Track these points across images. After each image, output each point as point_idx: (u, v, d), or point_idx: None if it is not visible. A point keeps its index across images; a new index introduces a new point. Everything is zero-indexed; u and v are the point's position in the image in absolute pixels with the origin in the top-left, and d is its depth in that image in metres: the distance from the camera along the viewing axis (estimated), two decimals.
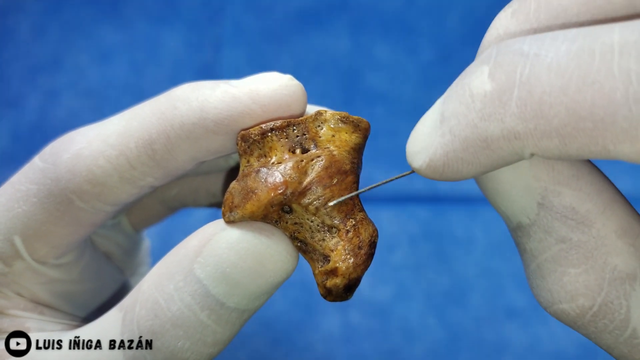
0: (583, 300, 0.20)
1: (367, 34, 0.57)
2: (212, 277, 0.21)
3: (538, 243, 0.20)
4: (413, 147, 0.19)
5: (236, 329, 0.22)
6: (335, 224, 0.22)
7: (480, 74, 0.18)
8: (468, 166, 0.18)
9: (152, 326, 0.22)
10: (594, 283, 0.19)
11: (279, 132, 0.22)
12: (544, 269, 0.20)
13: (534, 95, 0.16)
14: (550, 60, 0.16)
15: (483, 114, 0.17)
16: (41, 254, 0.25)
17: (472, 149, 0.18)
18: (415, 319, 0.48)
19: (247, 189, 0.22)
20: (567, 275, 0.20)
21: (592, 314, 0.20)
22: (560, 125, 0.16)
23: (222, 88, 0.23)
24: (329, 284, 0.22)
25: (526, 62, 0.17)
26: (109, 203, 0.24)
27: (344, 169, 0.22)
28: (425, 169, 0.19)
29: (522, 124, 0.17)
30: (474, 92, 0.18)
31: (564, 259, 0.20)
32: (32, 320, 0.26)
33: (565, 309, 0.20)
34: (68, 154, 0.23)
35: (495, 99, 0.17)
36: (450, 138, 0.18)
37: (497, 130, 0.17)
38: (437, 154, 0.18)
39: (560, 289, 0.20)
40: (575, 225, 0.19)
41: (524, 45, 0.17)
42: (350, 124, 0.23)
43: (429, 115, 0.19)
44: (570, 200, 0.19)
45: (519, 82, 0.17)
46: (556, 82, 0.16)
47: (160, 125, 0.23)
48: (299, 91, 0.23)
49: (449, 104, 0.18)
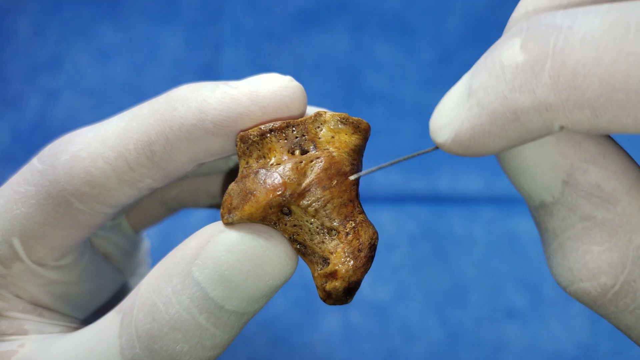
0: (605, 279, 0.19)
1: (367, 34, 0.56)
2: (211, 279, 0.21)
3: (561, 221, 0.20)
4: (438, 122, 0.19)
5: (235, 332, 0.22)
6: (335, 226, 0.22)
7: (512, 45, 0.17)
8: (495, 140, 0.18)
9: (150, 329, 0.22)
10: (617, 261, 0.19)
11: (278, 133, 0.22)
12: (566, 247, 0.20)
13: (568, 66, 0.16)
14: (584, 32, 0.16)
15: (514, 85, 0.17)
16: (40, 255, 0.25)
17: (501, 121, 0.17)
18: (415, 319, 0.48)
19: (246, 191, 0.22)
20: (589, 253, 0.19)
21: (613, 293, 0.19)
22: (593, 96, 0.16)
23: (222, 89, 0.23)
24: (328, 287, 0.22)
25: (559, 34, 0.16)
26: (108, 205, 0.24)
27: (343, 170, 0.22)
28: (450, 143, 0.19)
29: (554, 95, 0.17)
30: (505, 63, 0.17)
31: (587, 237, 0.20)
32: (31, 322, 0.26)
33: (587, 287, 0.20)
34: (66, 155, 0.23)
35: (528, 69, 0.17)
36: (478, 111, 0.18)
37: (528, 101, 0.17)
38: (464, 128, 0.18)
39: (582, 267, 0.20)
40: (601, 202, 0.19)
41: (557, 18, 0.17)
42: (350, 125, 0.23)
43: (456, 90, 0.19)
44: (597, 177, 0.19)
45: (552, 53, 0.16)
46: (590, 53, 0.16)
47: (159, 126, 0.23)
48: (299, 92, 0.23)
49: (478, 77, 0.18)
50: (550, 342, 0.47)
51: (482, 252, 0.50)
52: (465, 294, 0.49)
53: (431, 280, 0.49)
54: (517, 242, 0.50)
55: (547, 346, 0.47)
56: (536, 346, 0.47)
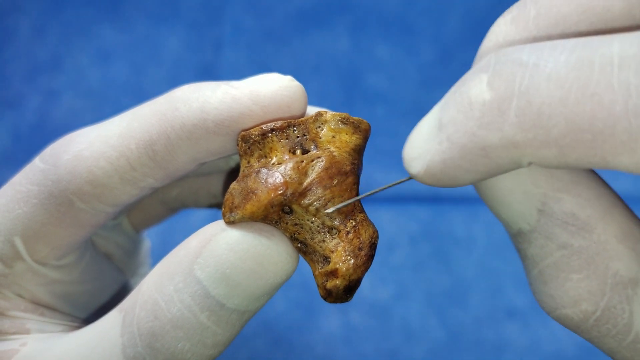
0: (586, 305, 0.20)
1: (367, 34, 0.57)
2: (212, 278, 0.21)
3: (539, 249, 0.20)
4: (410, 153, 0.19)
5: (236, 330, 0.22)
6: (336, 225, 0.22)
7: (479, 82, 0.17)
8: (465, 173, 0.18)
9: (152, 327, 0.22)
10: (596, 288, 0.19)
11: (279, 132, 0.22)
12: (546, 275, 0.20)
13: (533, 106, 0.16)
14: (549, 70, 0.16)
15: (481, 122, 0.17)
16: (42, 255, 0.25)
17: (470, 156, 0.18)
18: (415, 319, 0.48)
19: (247, 190, 0.22)
20: (569, 280, 0.20)
21: (595, 319, 0.20)
22: (559, 135, 0.16)
23: (223, 89, 0.23)
24: (329, 285, 0.22)
25: (525, 71, 0.17)
26: (110, 204, 0.24)
27: (344, 170, 0.22)
28: (422, 175, 0.19)
29: (521, 134, 0.17)
30: (473, 100, 0.17)
31: (565, 265, 0.20)
32: (33, 321, 0.26)
33: (569, 314, 0.20)
34: (68, 155, 0.23)
35: (494, 108, 0.17)
36: (448, 145, 0.18)
37: (496, 139, 0.17)
38: (435, 161, 0.18)
39: (563, 295, 0.20)
40: (576, 231, 0.19)
41: (523, 54, 0.17)
42: (351, 125, 0.23)
43: (426, 122, 0.19)
44: (571, 206, 0.19)
45: (518, 92, 0.17)
46: (555, 93, 0.16)
47: (160, 126, 0.23)
48: (300, 92, 0.23)
49: (447, 111, 0.18)
50: (551, 342, 0.47)
51: (483, 252, 0.50)
52: (466, 294, 0.49)
53: (431, 280, 0.49)
54: None
55: (548, 346, 0.47)
56: (536, 346, 0.47)
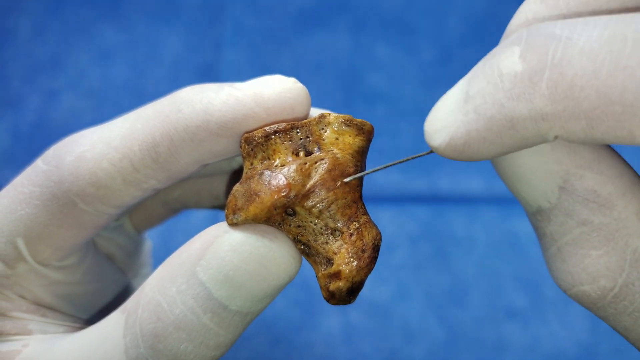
0: (604, 282, 0.20)
1: (368, 34, 0.57)
2: (215, 280, 0.21)
3: (559, 226, 0.20)
4: (433, 125, 0.19)
5: (239, 332, 0.22)
6: (339, 227, 0.22)
7: (511, 54, 0.18)
8: (489, 146, 0.18)
9: (154, 329, 0.22)
10: (615, 264, 0.20)
11: (282, 134, 0.22)
12: (565, 252, 0.20)
13: (565, 78, 0.16)
14: (582, 44, 0.16)
15: (512, 93, 0.17)
16: (44, 256, 0.25)
17: (497, 128, 0.18)
18: (415, 319, 0.48)
19: (251, 192, 0.22)
20: (588, 257, 0.20)
21: (613, 295, 0.20)
22: (590, 107, 0.16)
23: (226, 91, 0.23)
24: (332, 287, 0.22)
25: (558, 44, 0.17)
26: (112, 205, 0.24)
27: (347, 171, 0.22)
28: (444, 147, 0.19)
29: (551, 105, 0.17)
30: (504, 71, 0.18)
31: (585, 242, 0.20)
32: (35, 322, 0.26)
33: (587, 290, 0.20)
34: (71, 156, 0.23)
35: (526, 79, 0.17)
36: (475, 117, 0.18)
37: (525, 110, 0.17)
38: (459, 133, 0.18)
39: (581, 271, 0.20)
40: (597, 207, 0.20)
41: (556, 28, 0.17)
42: (354, 126, 0.23)
43: (452, 94, 0.19)
44: (592, 183, 0.20)
45: (550, 64, 0.17)
46: (588, 65, 0.16)
47: (164, 128, 0.23)
48: (303, 94, 0.23)
49: (475, 83, 0.18)
50: (551, 342, 0.47)
51: (483, 252, 0.50)
52: (466, 294, 0.49)
53: (431, 280, 0.49)
54: (518, 242, 0.50)
55: (548, 346, 0.47)
56: (536, 346, 0.47)
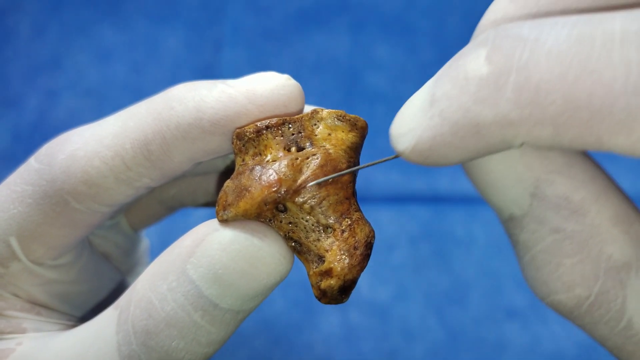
0: (580, 290, 0.19)
1: (367, 34, 0.56)
2: (205, 278, 0.21)
3: (531, 234, 0.20)
4: (398, 129, 0.19)
5: (231, 329, 0.22)
6: (331, 223, 0.22)
7: (477, 56, 0.17)
8: (455, 151, 0.17)
9: (146, 326, 0.22)
10: (590, 272, 0.19)
11: (274, 130, 0.22)
12: (539, 260, 0.20)
13: (531, 82, 0.16)
14: (549, 45, 0.16)
15: (477, 97, 0.17)
16: (37, 255, 0.25)
17: (462, 133, 0.17)
18: (415, 319, 0.48)
19: (241, 187, 0.22)
20: (562, 265, 0.19)
21: (588, 304, 0.20)
22: (556, 113, 0.16)
23: (219, 88, 0.22)
24: (323, 285, 0.22)
25: (525, 46, 0.16)
26: (105, 204, 0.24)
27: (339, 167, 0.22)
28: (410, 152, 0.18)
29: (517, 111, 0.16)
30: (469, 74, 0.17)
31: (558, 250, 0.19)
32: (29, 320, 0.25)
33: (562, 299, 0.20)
34: (63, 154, 0.23)
35: (491, 82, 0.16)
36: (439, 121, 0.17)
37: (490, 115, 0.17)
38: (424, 137, 0.18)
39: (556, 280, 0.20)
40: (569, 214, 0.19)
41: (523, 29, 0.16)
42: (347, 122, 0.22)
43: (418, 97, 0.19)
44: (564, 188, 0.19)
45: (516, 67, 0.16)
46: (555, 68, 0.16)
47: (156, 125, 0.23)
48: (296, 91, 0.23)
49: (441, 86, 0.18)
50: (551, 342, 0.46)
51: (482, 252, 0.50)
52: (466, 294, 0.49)
53: (431, 281, 0.49)
54: None
55: (548, 346, 0.46)
56: (536, 346, 0.47)
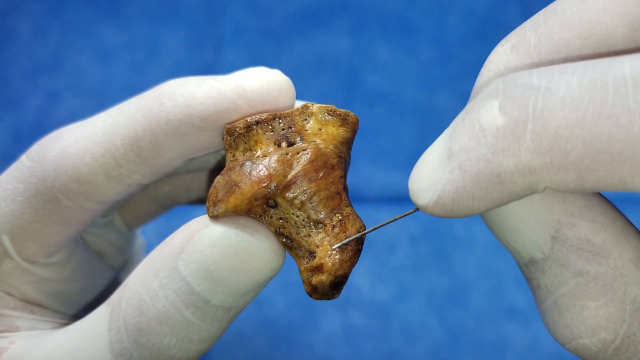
0: (605, 334, 0.19)
1: (368, 34, 0.56)
2: (196, 274, 0.21)
3: (554, 278, 0.20)
4: (418, 184, 0.19)
5: (223, 326, 0.22)
6: (321, 218, 0.22)
7: (490, 107, 0.17)
8: (479, 202, 0.18)
9: (137, 323, 0.21)
10: (615, 315, 0.19)
11: (264, 125, 0.22)
12: (562, 304, 0.20)
13: (549, 129, 0.16)
14: (562, 93, 0.16)
15: (496, 148, 0.17)
16: (30, 253, 0.25)
17: (484, 184, 0.17)
18: (415, 319, 0.48)
19: (231, 183, 0.21)
20: (586, 309, 0.19)
21: (614, 348, 0.19)
22: (578, 159, 0.16)
23: (209, 83, 0.22)
24: (314, 280, 0.22)
25: (538, 95, 0.16)
26: (97, 201, 0.24)
27: (330, 162, 0.22)
28: (433, 206, 0.18)
29: (538, 158, 0.16)
30: (485, 126, 0.17)
31: (582, 293, 0.19)
32: (22, 319, 0.25)
33: (587, 344, 0.19)
34: (54, 152, 0.23)
35: (509, 133, 0.17)
36: (460, 174, 0.17)
37: (512, 164, 0.17)
38: (446, 191, 0.18)
39: (580, 324, 0.19)
40: (592, 257, 0.19)
41: (533, 78, 0.17)
42: (338, 117, 0.22)
43: (434, 151, 0.19)
44: (585, 231, 0.19)
45: (532, 116, 0.16)
46: (571, 115, 0.16)
47: (146, 122, 0.23)
48: (287, 86, 0.23)
49: (457, 139, 0.18)
50: (551, 341, 0.46)
51: (483, 252, 0.50)
52: (466, 294, 0.48)
53: (432, 281, 0.49)
54: None
55: (548, 346, 0.46)
56: (537, 346, 0.46)
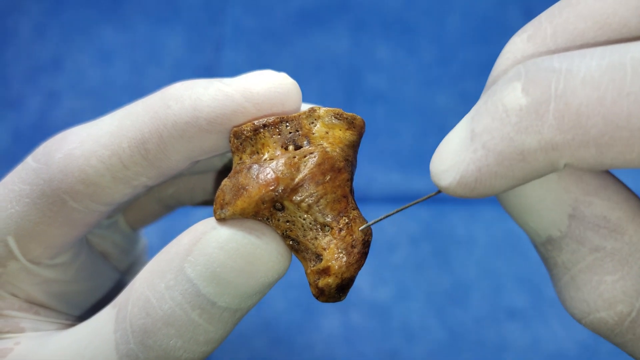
0: (622, 307, 0.20)
1: (368, 34, 0.56)
2: (203, 276, 0.21)
3: (571, 255, 0.20)
4: (440, 165, 0.19)
5: (229, 328, 0.22)
6: (328, 221, 0.22)
7: (513, 89, 0.18)
8: (501, 180, 0.18)
9: (144, 324, 0.22)
10: (631, 289, 0.20)
11: (271, 128, 0.22)
12: (579, 280, 0.20)
13: (571, 107, 0.17)
14: (583, 74, 0.17)
15: (519, 127, 0.18)
16: (35, 254, 0.25)
17: (508, 162, 0.18)
18: (415, 319, 0.48)
19: (239, 186, 0.22)
20: (603, 283, 0.20)
21: (630, 320, 0.20)
22: (598, 134, 0.17)
23: (215, 86, 0.22)
24: (321, 283, 0.22)
25: (559, 76, 0.17)
26: (103, 203, 0.24)
27: (337, 166, 0.22)
28: (455, 186, 0.19)
29: (560, 135, 0.17)
30: (508, 107, 0.18)
31: (599, 268, 0.20)
32: (27, 320, 0.25)
33: (604, 317, 0.20)
34: (60, 153, 0.23)
35: (532, 112, 0.17)
36: (484, 153, 0.18)
37: (535, 142, 0.17)
38: (469, 170, 0.18)
39: (597, 298, 0.20)
40: (608, 233, 0.20)
41: (554, 62, 0.17)
42: (345, 120, 0.22)
43: (456, 133, 0.19)
44: (601, 209, 0.20)
45: (554, 95, 0.17)
46: (592, 94, 0.17)
47: (153, 124, 0.23)
48: (294, 89, 0.23)
49: (480, 121, 0.18)
50: (552, 342, 0.46)
51: (483, 252, 0.50)
52: (466, 294, 0.49)
53: (432, 281, 0.49)
54: (518, 242, 0.49)
55: (549, 346, 0.46)
56: (537, 346, 0.46)
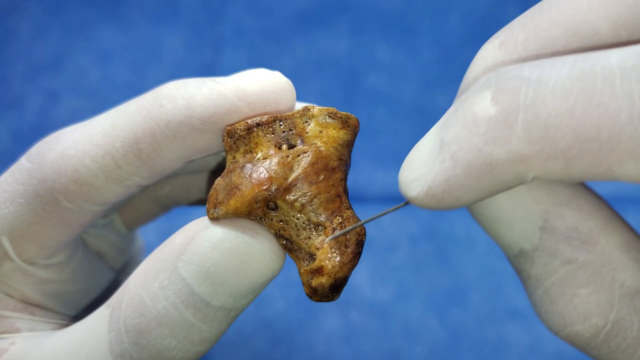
0: (596, 319, 0.20)
1: (368, 34, 0.56)
2: (196, 276, 0.21)
3: (543, 267, 0.20)
4: (408, 175, 0.19)
5: (224, 327, 0.22)
6: (322, 221, 0.22)
7: (483, 98, 0.17)
8: (469, 192, 0.18)
9: (138, 324, 0.21)
10: (605, 301, 0.19)
11: (265, 127, 0.22)
12: (553, 293, 0.20)
13: (540, 118, 0.16)
14: (553, 83, 0.16)
15: (488, 137, 0.17)
16: (30, 254, 0.25)
17: (475, 173, 0.17)
18: (415, 319, 0.48)
19: (232, 185, 0.21)
20: (577, 296, 0.20)
21: (605, 333, 0.20)
22: (566, 147, 0.16)
23: (209, 85, 0.22)
24: (314, 283, 0.22)
25: (529, 85, 0.17)
26: (97, 203, 0.24)
27: (331, 165, 0.22)
28: (423, 197, 0.18)
29: (529, 147, 0.17)
30: (478, 116, 0.17)
31: (572, 280, 0.20)
32: (22, 320, 0.25)
33: (579, 330, 0.20)
34: (54, 153, 0.23)
35: (501, 122, 0.17)
36: (452, 163, 0.18)
37: (503, 153, 0.17)
38: (437, 181, 0.18)
39: (571, 311, 0.20)
40: (580, 244, 0.19)
41: (524, 70, 0.17)
42: (339, 119, 0.22)
43: (425, 143, 0.19)
44: (572, 220, 0.19)
45: (523, 105, 0.17)
46: (561, 104, 0.16)
47: (146, 124, 0.23)
48: (287, 88, 0.23)
49: (449, 130, 0.18)
50: (552, 342, 0.46)
51: (483, 252, 0.50)
52: (466, 294, 0.48)
53: (432, 280, 0.49)
54: None
55: (549, 346, 0.46)
56: (537, 346, 0.46)
